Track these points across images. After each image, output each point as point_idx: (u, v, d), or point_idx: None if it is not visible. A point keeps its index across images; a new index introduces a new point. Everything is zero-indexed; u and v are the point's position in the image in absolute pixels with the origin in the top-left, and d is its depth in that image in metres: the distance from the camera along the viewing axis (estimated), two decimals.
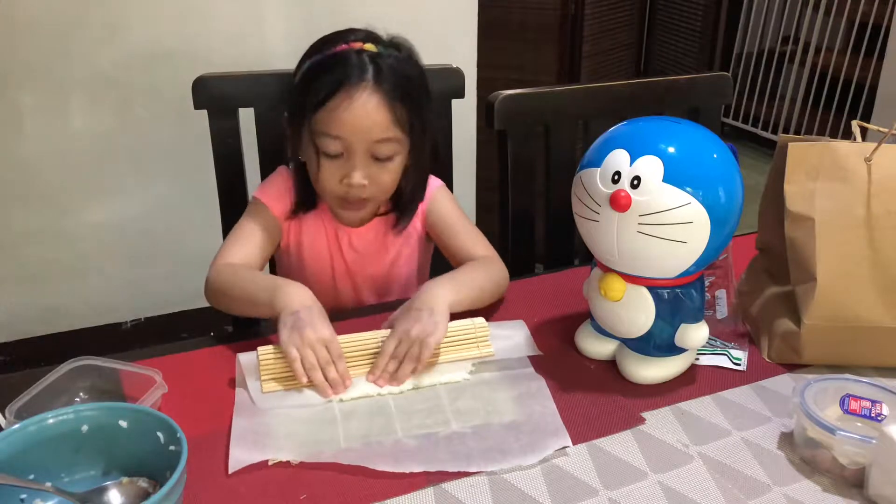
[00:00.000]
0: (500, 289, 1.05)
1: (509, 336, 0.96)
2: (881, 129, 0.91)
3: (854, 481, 0.73)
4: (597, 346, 0.93)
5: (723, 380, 0.90)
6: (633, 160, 0.78)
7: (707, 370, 0.92)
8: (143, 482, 0.68)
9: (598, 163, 0.81)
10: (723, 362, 0.93)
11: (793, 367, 0.92)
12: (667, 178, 0.77)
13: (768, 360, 0.94)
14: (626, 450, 0.78)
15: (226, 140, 1.20)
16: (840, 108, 3.39)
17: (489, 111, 1.23)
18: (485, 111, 1.24)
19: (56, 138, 1.90)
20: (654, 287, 0.84)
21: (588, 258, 0.92)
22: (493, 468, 0.74)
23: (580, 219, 0.85)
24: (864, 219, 0.87)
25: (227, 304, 1.00)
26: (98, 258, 2.06)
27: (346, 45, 0.99)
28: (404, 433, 0.80)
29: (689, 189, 0.77)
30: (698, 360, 0.93)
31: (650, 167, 0.77)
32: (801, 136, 0.92)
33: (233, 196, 1.22)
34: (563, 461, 0.76)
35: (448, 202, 1.15)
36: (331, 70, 0.98)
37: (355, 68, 0.97)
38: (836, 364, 0.91)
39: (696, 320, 0.86)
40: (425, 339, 0.87)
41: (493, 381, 0.89)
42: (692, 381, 0.90)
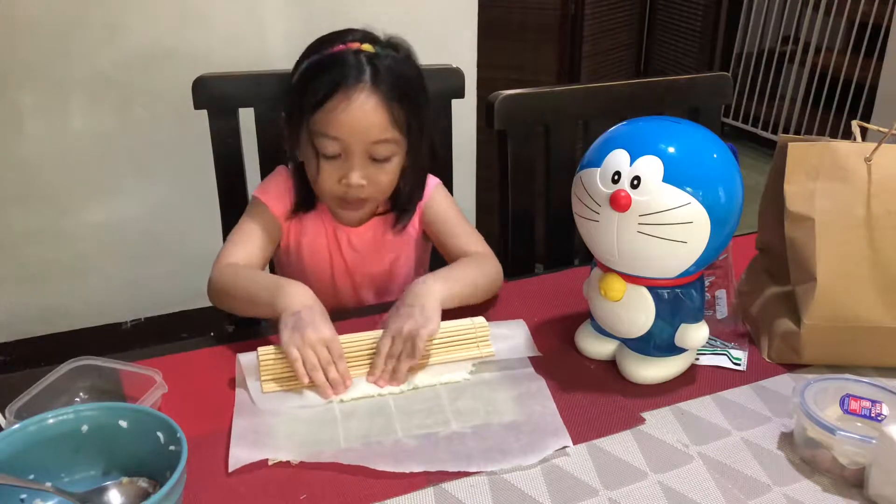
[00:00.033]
0: (494, 285, 1.05)
1: (509, 336, 0.96)
2: (881, 129, 0.91)
3: (854, 481, 0.73)
4: (597, 346, 0.93)
5: (723, 380, 0.90)
6: (633, 160, 0.78)
7: (707, 370, 0.92)
8: (143, 482, 0.69)
9: (598, 163, 0.81)
10: (723, 362, 0.93)
11: (793, 367, 0.92)
12: (667, 178, 0.77)
13: (768, 360, 0.94)
14: (626, 450, 0.78)
15: (226, 140, 1.20)
16: (840, 108, 3.39)
17: (489, 111, 1.23)
18: (485, 111, 1.24)
19: (56, 138, 1.90)
20: (654, 287, 0.84)
21: (588, 258, 0.92)
22: (493, 468, 0.74)
23: (580, 219, 0.85)
24: (864, 219, 0.87)
25: (230, 304, 1.00)
26: (98, 258, 2.06)
27: (344, 46, 0.99)
28: (404, 433, 0.80)
29: (689, 189, 0.77)
30: (698, 360, 0.93)
31: (650, 167, 0.77)
32: (801, 136, 0.92)
33: (233, 196, 1.22)
34: (563, 461, 0.76)
35: (445, 200, 1.15)
36: (328, 71, 0.97)
37: (353, 69, 0.97)
38: (836, 364, 0.91)
39: (696, 320, 0.86)
40: (417, 333, 0.87)
41: (493, 381, 0.89)
42: (692, 381, 0.90)
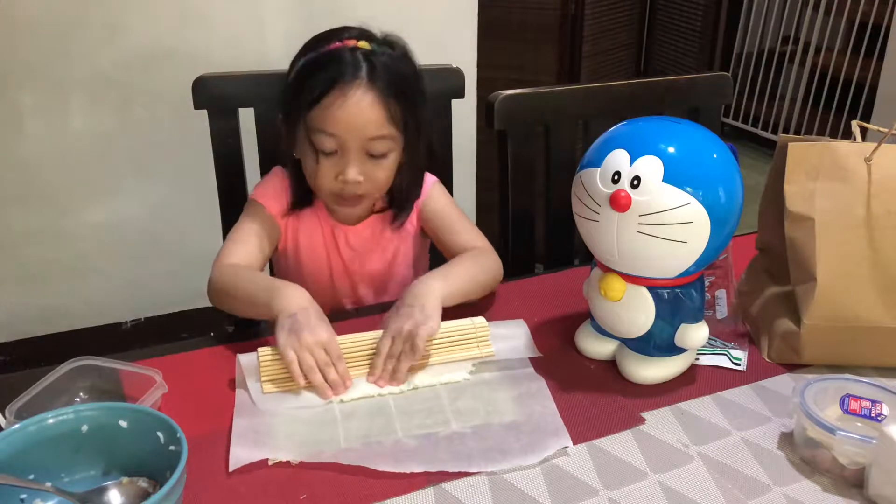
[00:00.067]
0: (493, 279, 1.05)
1: (509, 336, 0.96)
2: (881, 129, 0.91)
3: (854, 481, 0.73)
4: (597, 346, 0.93)
5: (723, 380, 0.90)
6: (633, 160, 0.78)
7: (707, 370, 0.92)
8: (143, 482, 0.69)
9: (598, 163, 0.81)
10: (723, 362, 0.93)
11: (793, 367, 0.92)
12: (667, 178, 0.77)
13: (768, 360, 0.94)
14: (626, 450, 0.78)
15: (226, 140, 1.20)
16: (840, 108, 3.39)
17: (489, 111, 1.23)
18: (485, 111, 1.24)
19: (56, 138, 1.90)
20: (654, 287, 0.84)
21: (588, 258, 0.92)
22: (493, 468, 0.74)
23: (580, 219, 0.85)
24: (864, 219, 0.87)
25: (230, 304, 1.00)
26: (98, 258, 2.06)
27: (340, 43, 1.00)
28: (404, 433, 0.79)
29: (689, 189, 0.77)
30: (698, 360, 0.93)
31: (650, 167, 0.77)
32: (801, 136, 0.92)
33: (233, 196, 1.22)
34: (563, 461, 0.76)
35: (442, 197, 1.15)
36: (325, 68, 0.98)
37: (349, 66, 0.97)
38: (836, 364, 0.91)
39: (696, 320, 0.86)
40: (417, 332, 0.87)
41: (493, 381, 0.89)
42: (692, 381, 0.90)
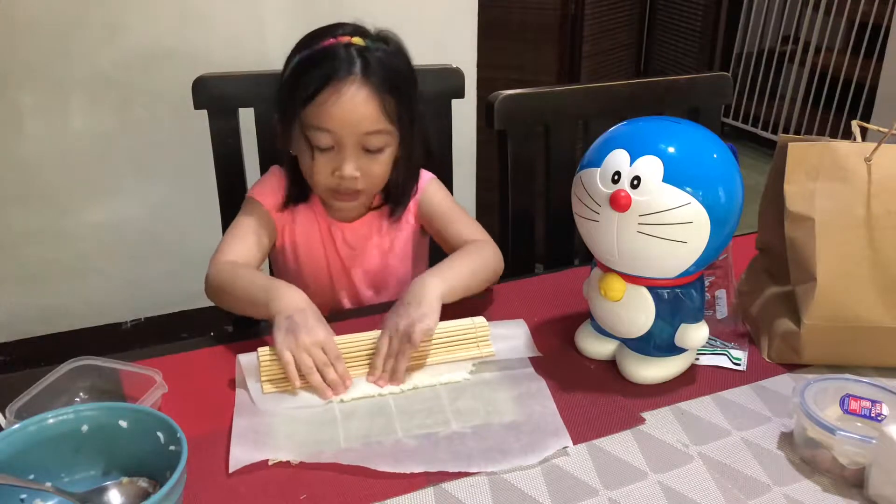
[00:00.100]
0: (494, 272, 1.05)
1: (509, 336, 0.96)
2: (881, 129, 0.91)
3: (854, 481, 0.73)
4: (597, 346, 0.93)
5: (723, 380, 0.90)
6: (633, 160, 0.78)
7: (707, 370, 0.92)
8: (143, 482, 0.69)
9: (598, 163, 0.81)
10: (723, 362, 0.93)
11: (793, 367, 0.92)
12: (667, 178, 0.77)
13: (768, 360, 0.94)
14: (626, 450, 0.78)
15: (226, 140, 1.20)
16: (840, 108, 3.39)
17: (489, 111, 1.23)
18: (485, 111, 1.24)
19: (56, 138, 1.90)
20: (654, 287, 0.84)
21: (588, 258, 0.92)
22: (493, 468, 0.74)
23: (580, 219, 0.85)
24: (864, 219, 0.87)
25: (227, 302, 1.00)
26: (98, 258, 2.06)
27: (334, 40, 1.00)
28: (404, 433, 0.79)
29: (689, 189, 0.77)
30: (698, 360, 0.93)
31: (650, 167, 0.77)
32: (801, 136, 0.92)
33: (233, 196, 1.22)
34: (563, 461, 0.76)
35: (440, 192, 1.15)
36: (319, 64, 0.98)
37: (343, 62, 0.97)
38: (836, 364, 0.91)
39: (696, 320, 0.86)
40: (413, 328, 0.87)
41: (493, 381, 0.89)
42: (692, 381, 0.90)
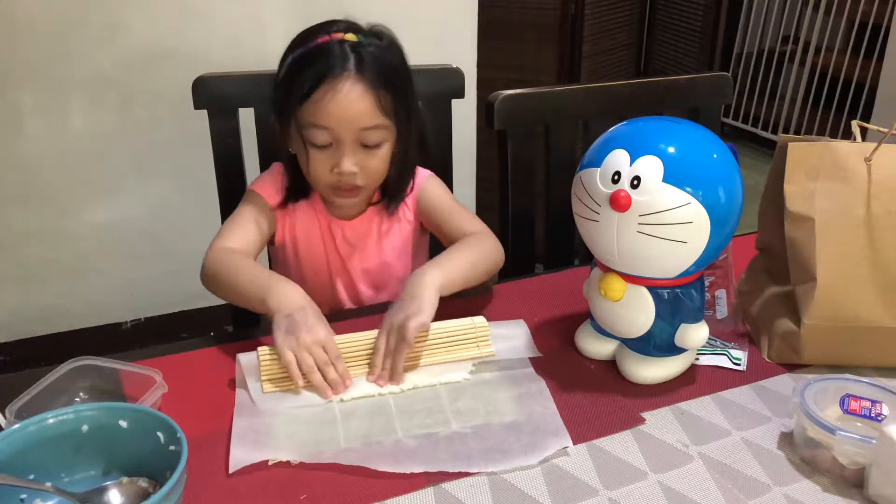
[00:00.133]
0: (494, 263, 1.05)
1: (509, 336, 0.96)
2: (881, 129, 0.91)
3: (854, 481, 0.73)
4: (597, 346, 0.93)
5: (723, 380, 0.90)
6: (633, 160, 0.78)
7: (707, 370, 0.92)
8: (143, 482, 0.68)
9: (598, 163, 0.81)
10: (723, 362, 0.93)
11: (793, 367, 0.92)
12: (667, 178, 0.77)
13: (768, 360, 0.94)
14: (626, 450, 0.78)
15: (226, 140, 1.20)
16: (840, 108, 3.39)
17: (489, 111, 1.23)
18: (485, 111, 1.24)
19: (56, 138, 1.90)
20: (654, 287, 0.84)
21: (588, 258, 0.92)
22: (493, 468, 0.74)
23: (580, 219, 0.85)
24: (864, 219, 0.87)
25: (221, 290, 0.99)
26: (98, 258, 2.06)
27: (328, 37, 1.00)
28: (404, 433, 0.79)
29: (689, 189, 0.77)
30: (698, 360, 0.93)
31: (650, 167, 0.77)
32: (801, 136, 0.92)
33: (233, 196, 1.22)
34: (563, 461, 0.76)
35: (438, 188, 1.15)
36: (313, 62, 0.98)
37: (338, 59, 0.98)
38: (836, 364, 0.91)
39: (696, 320, 0.86)
40: (407, 324, 0.87)
41: (493, 381, 0.89)
42: (692, 381, 0.90)
